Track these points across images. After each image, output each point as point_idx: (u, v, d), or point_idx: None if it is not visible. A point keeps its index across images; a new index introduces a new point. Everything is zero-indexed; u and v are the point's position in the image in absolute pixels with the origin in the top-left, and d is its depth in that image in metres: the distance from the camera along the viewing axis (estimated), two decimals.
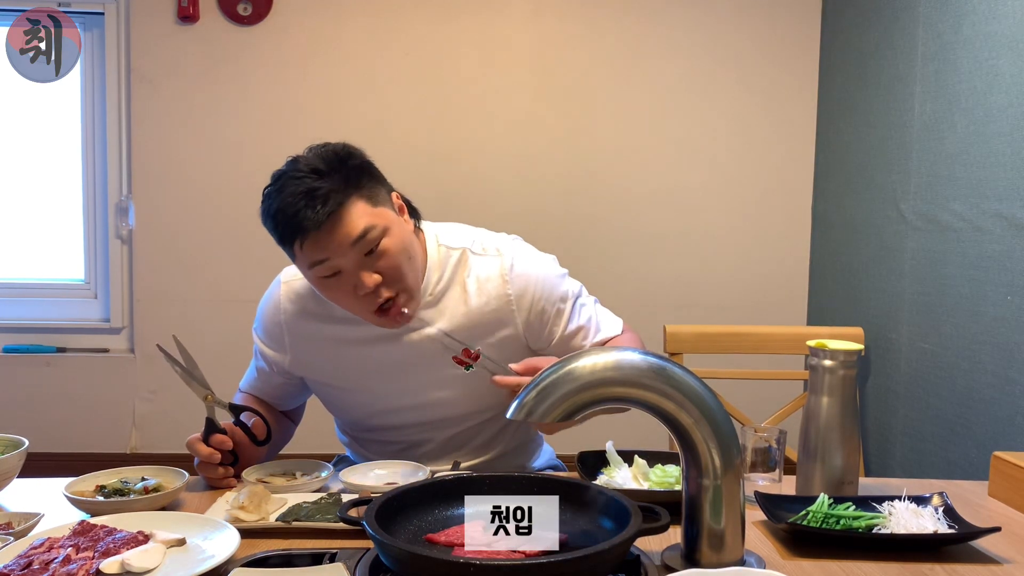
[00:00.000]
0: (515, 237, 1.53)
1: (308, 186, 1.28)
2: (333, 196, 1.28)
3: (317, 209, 1.27)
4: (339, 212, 1.28)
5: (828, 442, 1.24)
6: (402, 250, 1.33)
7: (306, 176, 1.30)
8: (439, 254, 1.45)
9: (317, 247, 1.30)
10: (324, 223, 1.27)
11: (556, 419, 0.94)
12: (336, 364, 1.48)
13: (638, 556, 1.02)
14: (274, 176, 1.36)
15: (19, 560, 0.98)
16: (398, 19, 2.94)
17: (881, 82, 2.52)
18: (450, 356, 1.38)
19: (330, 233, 1.28)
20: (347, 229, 1.29)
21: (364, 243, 1.30)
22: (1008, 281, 1.93)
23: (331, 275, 1.32)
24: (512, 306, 1.43)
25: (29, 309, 3.06)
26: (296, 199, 1.28)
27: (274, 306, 1.51)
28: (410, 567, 0.89)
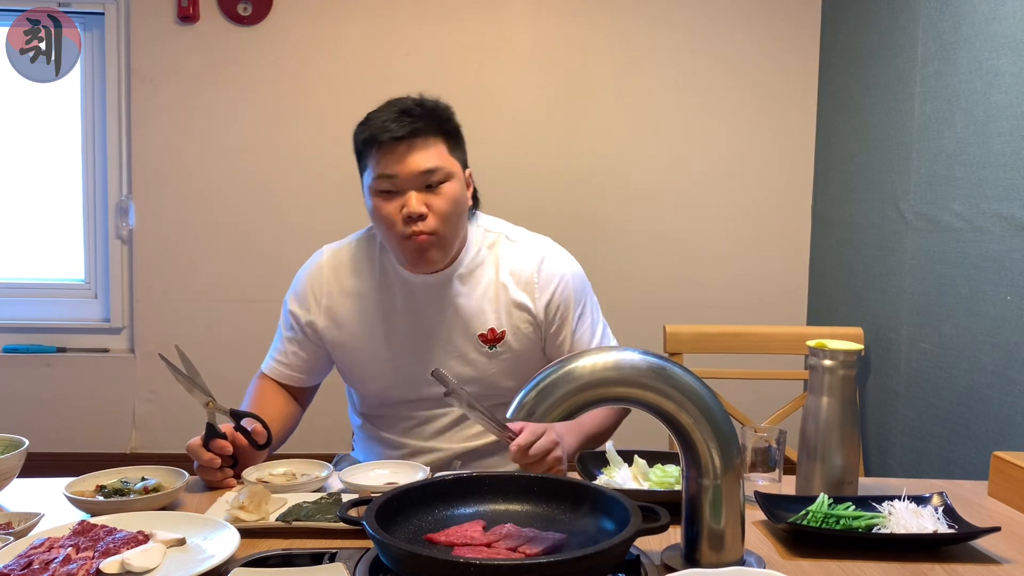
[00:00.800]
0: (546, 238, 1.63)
1: (406, 107, 1.44)
2: (422, 127, 1.43)
3: (404, 125, 1.41)
4: (420, 140, 1.42)
5: (828, 442, 1.24)
6: (455, 202, 1.45)
7: (410, 100, 1.46)
8: (479, 234, 1.57)
9: (389, 160, 1.42)
10: (403, 140, 1.41)
11: (556, 419, 0.94)
12: (367, 328, 1.54)
13: (638, 556, 1.02)
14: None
15: (19, 560, 0.98)
16: (398, 19, 2.94)
17: (881, 82, 2.52)
18: (476, 333, 1.50)
19: (406, 152, 1.42)
20: (421, 157, 1.42)
21: (429, 176, 1.42)
22: (1008, 281, 1.93)
23: (388, 191, 1.44)
24: (536, 294, 1.53)
25: (29, 309, 3.06)
26: (391, 113, 1.44)
27: (316, 268, 1.59)
28: (410, 567, 0.89)
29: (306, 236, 2.94)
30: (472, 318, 1.52)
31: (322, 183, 2.97)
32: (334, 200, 2.95)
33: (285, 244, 2.96)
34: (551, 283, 1.54)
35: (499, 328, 1.51)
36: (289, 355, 1.61)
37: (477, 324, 1.52)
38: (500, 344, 1.52)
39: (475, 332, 1.51)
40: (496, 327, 1.51)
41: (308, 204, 2.97)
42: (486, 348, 1.51)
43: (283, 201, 2.97)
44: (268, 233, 2.98)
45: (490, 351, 1.51)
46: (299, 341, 1.59)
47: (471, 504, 1.08)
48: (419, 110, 1.44)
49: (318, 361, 1.61)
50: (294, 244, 2.96)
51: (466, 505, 1.08)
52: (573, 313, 1.55)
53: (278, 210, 2.98)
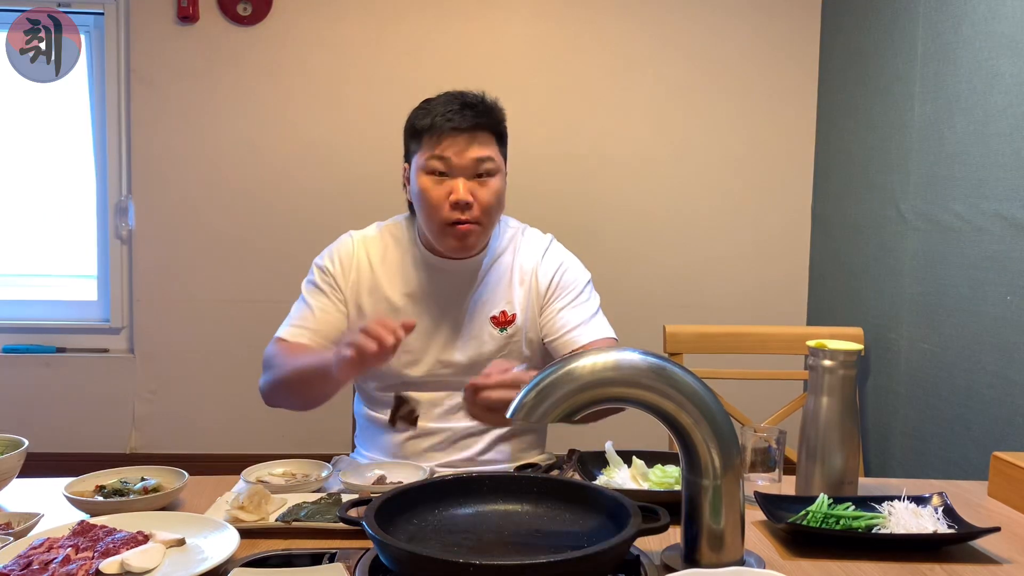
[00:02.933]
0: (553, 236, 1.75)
1: (470, 101, 1.53)
2: (481, 121, 1.52)
3: (467, 118, 1.50)
4: (479, 134, 1.52)
5: (828, 442, 1.24)
6: (498, 195, 1.55)
7: (465, 95, 1.54)
8: (502, 227, 1.69)
9: (447, 146, 1.50)
10: (465, 132, 1.49)
11: (556, 419, 0.94)
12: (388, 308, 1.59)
13: (638, 556, 1.02)
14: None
15: (19, 560, 0.98)
16: (398, 19, 2.94)
17: (881, 82, 2.52)
18: (489, 316, 1.57)
19: (466, 140, 1.50)
20: (477, 146, 1.51)
21: (481, 165, 1.51)
22: (1008, 281, 1.93)
23: (441, 172, 1.50)
24: (540, 273, 1.62)
25: (29, 309, 3.06)
26: (455, 104, 1.51)
27: (347, 244, 1.64)
28: (410, 567, 0.89)
29: (306, 236, 2.94)
30: (488, 302, 1.59)
31: (322, 183, 2.97)
32: (334, 200, 2.95)
33: (285, 244, 2.96)
34: (555, 262, 1.64)
35: (510, 311, 1.59)
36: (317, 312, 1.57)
37: (491, 308, 1.59)
38: (511, 326, 1.59)
39: (488, 315, 1.59)
40: (508, 310, 1.59)
41: (308, 204, 2.97)
42: (498, 331, 1.58)
43: (283, 201, 2.97)
44: (268, 233, 2.98)
45: (501, 334, 1.58)
46: (330, 297, 1.59)
47: (470, 504, 1.08)
48: (482, 107, 1.53)
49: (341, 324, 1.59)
50: (294, 244, 2.97)
51: (465, 505, 1.08)
52: (571, 293, 1.61)
53: (278, 210, 2.97)
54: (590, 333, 1.57)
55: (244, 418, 2.98)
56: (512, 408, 0.96)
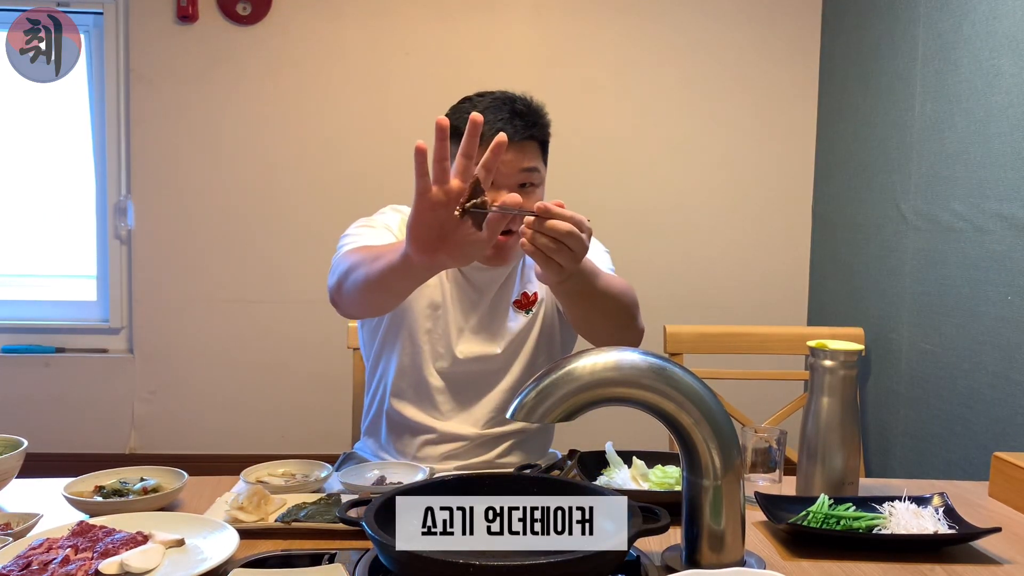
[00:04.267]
0: None
1: (517, 109, 1.48)
2: (533, 128, 1.48)
3: (517, 130, 1.45)
4: (528, 142, 1.48)
5: (828, 443, 1.24)
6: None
7: (519, 101, 1.51)
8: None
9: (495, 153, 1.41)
10: (514, 143, 1.43)
11: (556, 419, 0.94)
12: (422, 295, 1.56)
13: (638, 557, 1.02)
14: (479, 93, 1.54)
15: (18, 561, 0.98)
16: (398, 19, 2.94)
17: (881, 82, 2.52)
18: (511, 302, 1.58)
19: (511, 153, 1.44)
20: (524, 155, 1.47)
21: (526, 175, 1.47)
22: (1008, 281, 1.93)
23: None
24: None
25: (28, 310, 3.06)
26: (504, 109, 1.47)
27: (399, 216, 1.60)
28: (410, 567, 0.89)
29: (305, 236, 2.95)
30: (509, 287, 1.59)
31: (321, 182, 2.97)
32: (334, 199, 2.95)
33: (284, 244, 2.96)
34: None
35: (531, 291, 1.60)
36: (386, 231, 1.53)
37: (512, 293, 1.59)
38: (535, 306, 1.59)
39: (511, 299, 1.59)
40: (528, 290, 1.60)
41: (307, 204, 2.97)
42: (523, 314, 1.58)
43: (282, 201, 2.97)
44: (267, 233, 2.98)
45: (527, 315, 1.58)
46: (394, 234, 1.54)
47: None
48: (531, 116, 1.49)
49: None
50: (293, 244, 2.97)
51: None
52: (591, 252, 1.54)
53: (277, 210, 2.97)
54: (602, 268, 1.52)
55: (244, 418, 2.98)
56: (512, 408, 0.95)
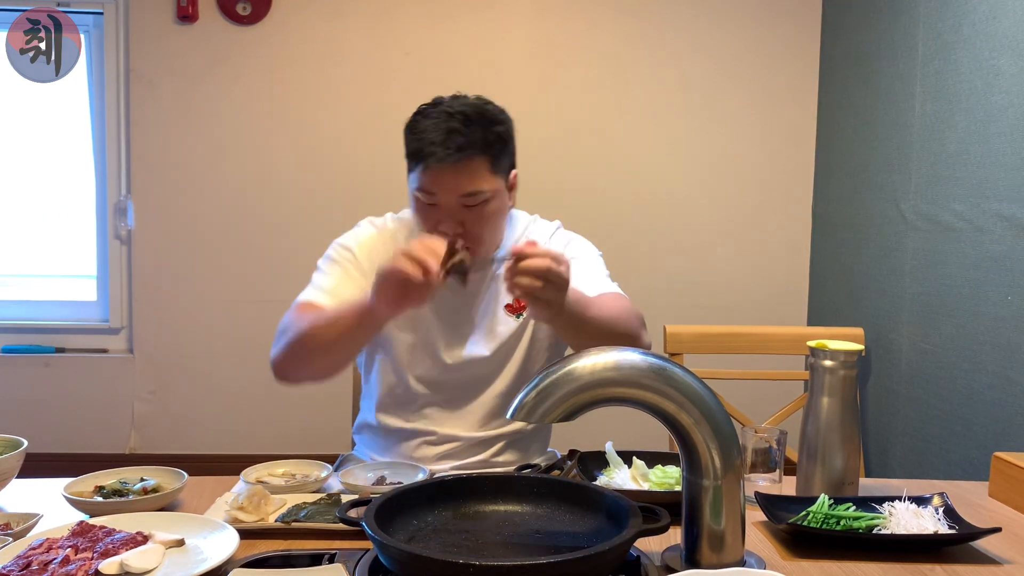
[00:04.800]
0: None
1: (452, 126, 1.42)
2: (468, 147, 1.41)
3: (450, 150, 1.40)
4: (464, 163, 1.41)
5: (828, 443, 1.24)
6: (494, 218, 1.48)
7: (455, 116, 1.43)
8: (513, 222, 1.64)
9: (432, 179, 1.43)
10: (447, 164, 1.40)
11: (556, 419, 0.94)
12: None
13: (638, 557, 1.02)
14: (433, 101, 1.50)
15: (18, 561, 0.98)
16: (398, 18, 2.94)
17: (881, 82, 2.52)
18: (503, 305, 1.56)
19: (449, 175, 1.42)
20: (462, 180, 1.42)
21: (468, 198, 1.43)
22: (1008, 281, 1.93)
23: (429, 204, 1.45)
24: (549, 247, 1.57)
25: (28, 310, 3.06)
26: (437, 131, 1.42)
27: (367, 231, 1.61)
28: (409, 567, 0.89)
29: (305, 235, 2.94)
30: (500, 294, 1.57)
31: (322, 182, 2.97)
32: (334, 199, 2.95)
33: (284, 244, 2.96)
34: (562, 240, 1.62)
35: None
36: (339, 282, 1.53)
37: (504, 298, 1.57)
38: (526, 312, 1.56)
39: (501, 305, 1.57)
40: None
41: (307, 203, 2.97)
42: (514, 318, 1.56)
43: (282, 201, 2.97)
44: (267, 233, 2.98)
45: (518, 320, 1.56)
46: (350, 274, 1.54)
47: (471, 505, 1.08)
48: (466, 131, 1.42)
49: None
50: (293, 244, 2.97)
51: (466, 506, 1.07)
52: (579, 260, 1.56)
53: (277, 210, 2.97)
54: (595, 289, 1.50)
55: (244, 418, 2.98)
56: (512, 408, 0.95)
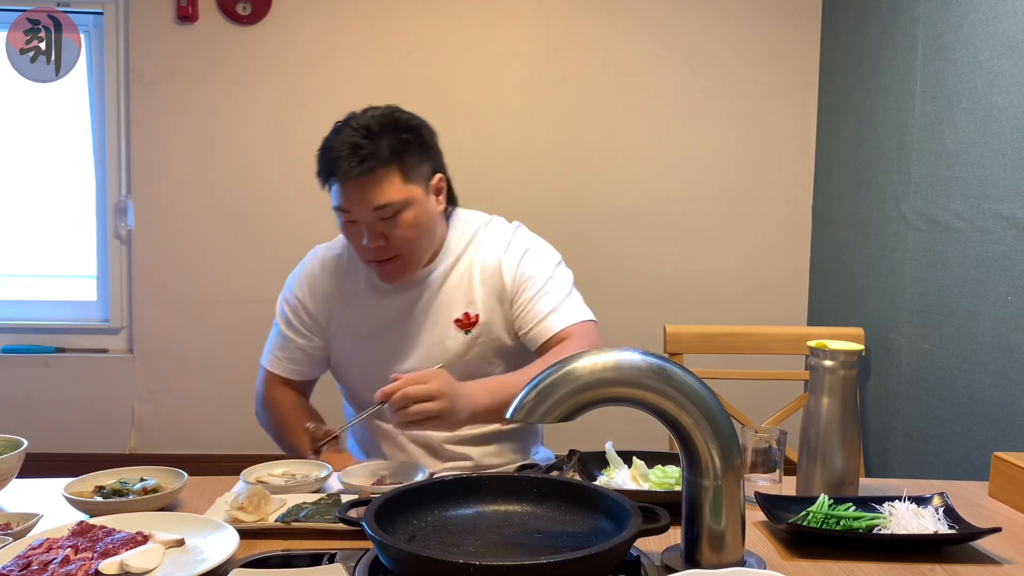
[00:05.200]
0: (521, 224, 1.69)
1: (355, 141, 1.43)
2: (371, 160, 1.42)
3: (354, 165, 1.41)
4: (370, 177, 1.42)
5: (828, 443, 1.24)
6: (415, 226, 1.47)
7: (359, 130, 1.44)
8: (459, 228, 1.61)
9: (343, 196, 1.45)
10: (354, 180, 1.42)
11: (556, 419, 0.94)
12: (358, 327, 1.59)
13: (638, 557, 1.02)
14: (346, 117, 1.51)
15: (18, 561, 0.98)
16: (398, 19, 2.94)
17: (881, 82, 2.52)
18: (452, 319, 1.54)
19: (356, 190, 1.43)
20: (371, 195, 1.43)
21: (381, 211, 1.44)
22: (1008, 281, 1.93)
23: (348, 221, 1.48)
24: (504, 266, 1.56)
25: (28, 310, 3.06)
26: (342, 147, 1.43)
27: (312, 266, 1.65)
28: (409, 567, 0.89)
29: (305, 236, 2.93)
30: (450, 306, 1.55)
31: None
32: None
33: (284, 244, 2.95)
34: (518, 254, 1.57)
35: (473, 312, 1.54)
36: (293, 349, 1.64)
37: (454, 310, 1.55)
38: (476, 328, 1.54)
39: (451, 319, 1.55)
40: (470, 311, 1.54)
41: (307, 204, 2.96)
42: (462, 333, 1.54)
43: (282, 201, 2.97)
44: (267, 233, 2.98)
45: (465, 336, 1.54)
46: (301, 332, 1.62)
47: (470, 505, 1.08)
48: (369, 144, 1.42)
49: (318, 352, 1.64)
50: (293, 244, 2.95)
51: (465, 506, 1.07)
52: (537, 280, 1.54)
53: (277, 210, 2.97)
54: (563, 319, 1.51)
55: (244, 418, 2.96)
56: (512, 408, 0.95)
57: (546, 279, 1.55)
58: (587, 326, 1.53)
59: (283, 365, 1.64)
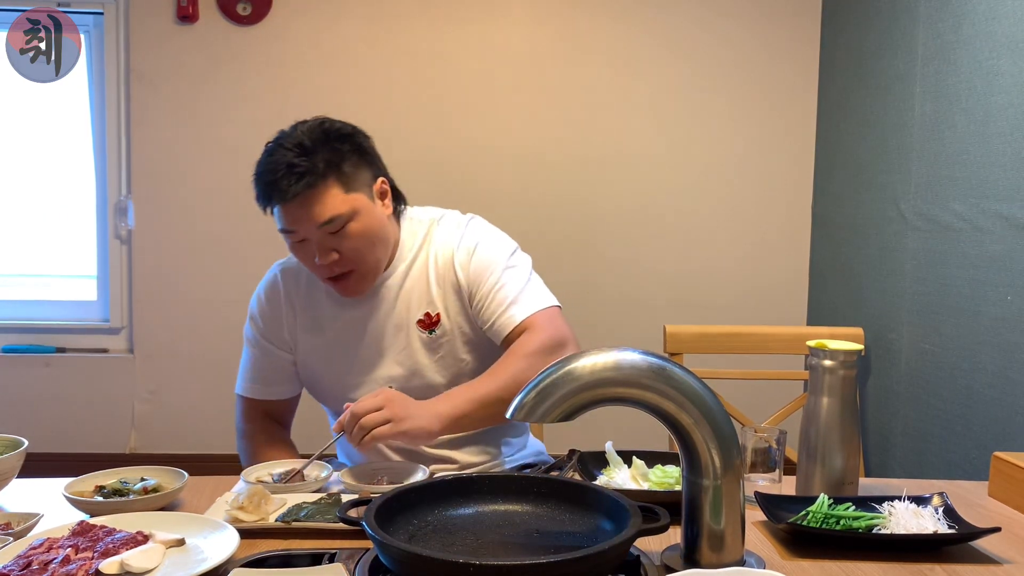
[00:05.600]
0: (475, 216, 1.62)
1: (289, 160, 1.39)
2: (309, 176, 1.38)
3: (292, 184, 1.37)
4: (310, 193, 1.38)
5: (828, 442, 1.24)
6: (365, 235, 1.43)
7: (292, 149, 1.40)
8: (411, 228, 1.57)
9: (287, 217, 1.42)
10: (294, 199, 1.38)
11: (556, 419, 0.94)
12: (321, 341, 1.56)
13: (638, 556, 1.02)
14: (275, 137, 1.47)
15: (18, 560, 0.98)
16: (398, 20, 2.94)
17: (881, 82, 2.52)
18: (415, 321, 1.51)
19: (299, 209, 1.39)
20: (315, 211, 1.39)
21: (327, 226, 1.40)
22: (1008, 281, 1.93)
23: (297, 241, 1.44)
24: (458, 261, 1.52)
25: (28, 309, 3.06)
26: (277, 168, 1.39)
27: (272, 284, 1.61)
28: (409, 567, 0.89)
29: None
30: (411, 308, 1.53)
31: None
32: None
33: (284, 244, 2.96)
34: (469, 249, 1.52)
35: (433, 312, 1.52)
36: (264, 368, 1.60)
37: (415, 312, 1.52)
38: (438, 328, 1.51)
39: (414, 320, 1.52)
40: (431, 311, 1.52)
41: None
42: (426, 334, 1.52)
43: None
44: (268, 233, 2.96)
45: (430, 336, 1.52)
46: (264, 354, 1.59)
47: (470, 504, 1.08)
48: (305, 160, 1.38)
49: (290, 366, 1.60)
50: None
51: (465, 505, 1.07)
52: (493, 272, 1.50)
53: None
54: (524, 309, 1.47)
55: None
56: (512, 408, 0.96)
57: (502, 270, 1.51)
58: (549, 312, 1.49)
59: (257, 388, 1.60)
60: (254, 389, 1.61)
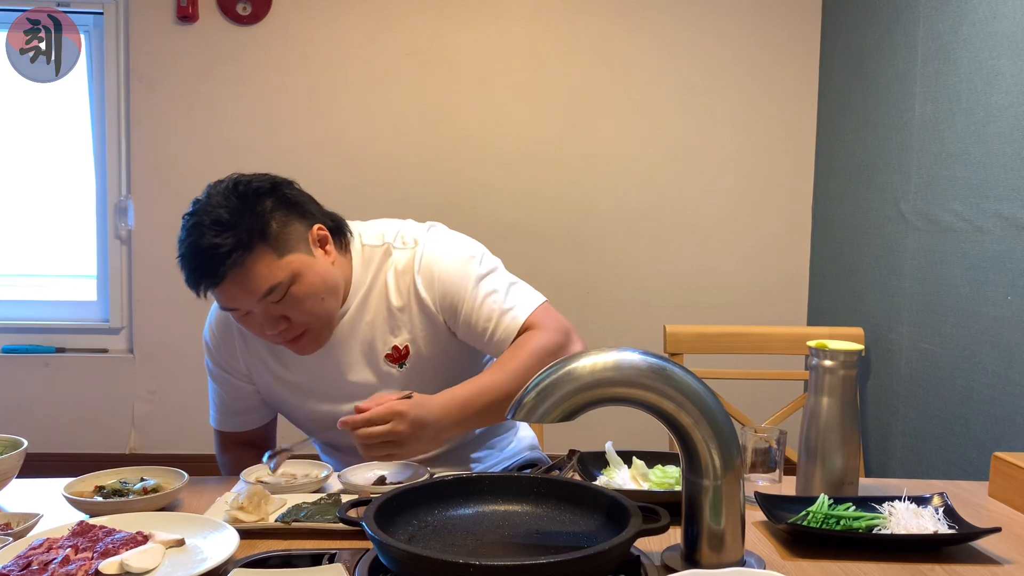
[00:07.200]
0: (434, 224, 1.51)
1: (210, 242, 1.28)
2: (235, 252, 1.27)
3: (219, 266, 1.27)
4: (241, 271, 1.28)
5: (828, 442, 1.24)
6: (311, 295, 1.33)
7: (210, 228, 1.29)
8: (363, 256, 1.45)
9: (223, 297, 1.33)
10: (224, 279, 1.28)
11: (556, 419, 0.94)
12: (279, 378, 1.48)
13: (638, 556, 1.02)
14: (187, 214, 1.36)
15: (18, 560, 0.98)
16: (398, 19, 2.94)
17: (881, 82, 2.52)
18: (382, 356, 1.43)
19: (234, 288, 1.29)
20: (251, 286, 1.29)
21: (270, 296, 1.30)
22: (1008, 281, 1.93)
23: (242, 316, 1.35)
24: (424, 296, 1.41)
25: (28, 309, 3.06)
26: (198, 252, 1.29)
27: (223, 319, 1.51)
28: (409, 567, 0.89)
29: None
30: (374, 343, 1.43)
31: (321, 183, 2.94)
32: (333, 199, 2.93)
33: None
34: (431, 280, 1.41)
35: (402, 344, 1.42)
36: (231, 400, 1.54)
37: (380, 347, 1.43)
38: (409, 359, 1.43)
39: (381, 355, 1.43)
40: (399, 344, 1.42)
41: None
42: (397, 368, 1.43)
43: None
44: None
45: (401, 369, 1.43)
46: (230, 386, 1.52)
47: (470, 505, 1.08)
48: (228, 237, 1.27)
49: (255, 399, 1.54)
50: None
51: (465, 506, 1.07)
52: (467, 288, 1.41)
53: None
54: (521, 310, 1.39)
55: None
56: (512, 408, 0.96)
57: (477, 280, 1.41)
58: (541, 309, 1.42)
59: (228, 421, 1.55)
60: (225, 422, 1.55)
